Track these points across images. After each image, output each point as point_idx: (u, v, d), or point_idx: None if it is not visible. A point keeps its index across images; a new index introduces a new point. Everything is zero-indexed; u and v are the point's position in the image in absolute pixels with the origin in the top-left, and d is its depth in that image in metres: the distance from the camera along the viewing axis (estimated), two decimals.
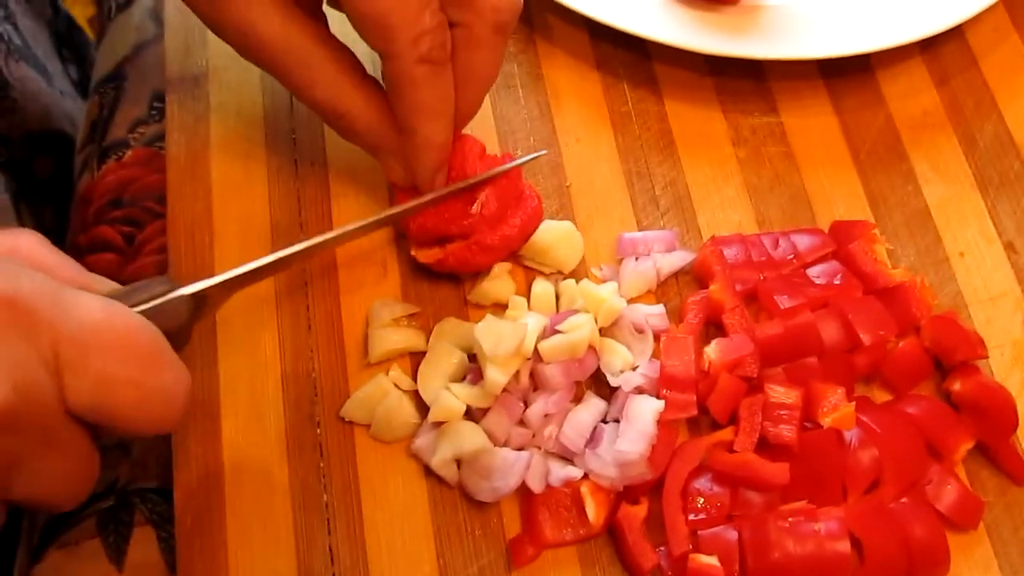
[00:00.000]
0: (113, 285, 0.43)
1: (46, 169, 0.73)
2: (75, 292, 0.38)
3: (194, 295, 0.44)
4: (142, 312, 0.41)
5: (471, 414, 0.50)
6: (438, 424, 0.49)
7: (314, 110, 0.50)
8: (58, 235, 0.65)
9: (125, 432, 0.39)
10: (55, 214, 0.73)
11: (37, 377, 0.35)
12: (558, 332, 0.50)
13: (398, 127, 0.49)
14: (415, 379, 0.51)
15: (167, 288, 0.43)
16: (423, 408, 0.51)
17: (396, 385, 0.51)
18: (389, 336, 0.52)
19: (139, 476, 0.54)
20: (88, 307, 0.37)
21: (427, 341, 0.52)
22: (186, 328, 0.45)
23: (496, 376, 0.48)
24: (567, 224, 0.55)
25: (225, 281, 0.46)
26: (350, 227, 0.50)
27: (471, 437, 0.48)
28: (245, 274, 0.47)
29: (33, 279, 0.36)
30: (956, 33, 0.62)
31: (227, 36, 0.48)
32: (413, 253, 0.53)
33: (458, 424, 0.49)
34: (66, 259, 0.41)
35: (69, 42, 0.83)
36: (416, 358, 0.52)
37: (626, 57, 0.62)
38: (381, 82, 0.50)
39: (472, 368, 0.50)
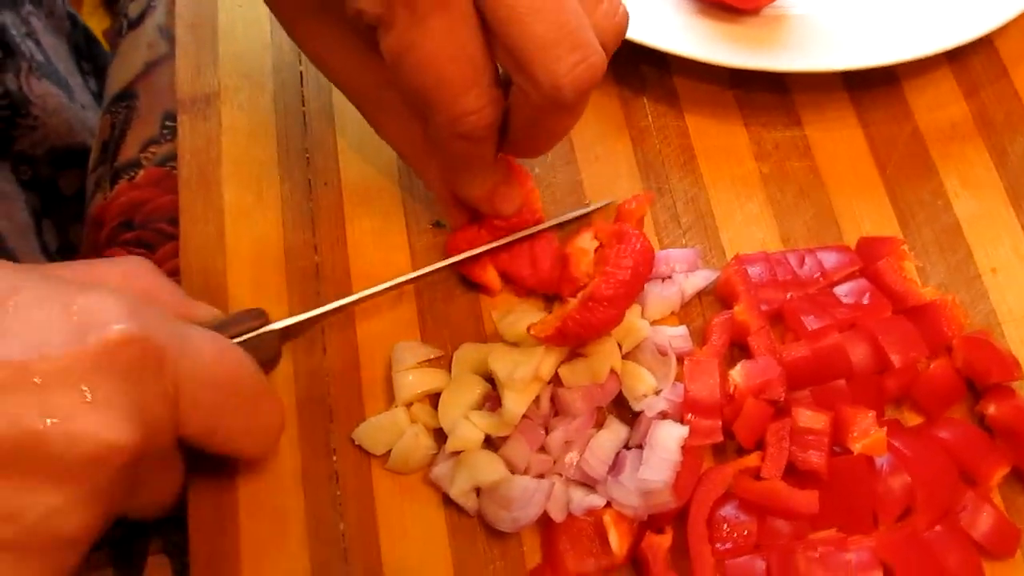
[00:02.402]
0: (214, 312, 0.46)
1: (72, 185, 0.73)
2: (188, 328, 0.40)
3: (283, 329, 0.49)
4: (240, 344, 0.45)
5: (491, 440, 0.49)
6: (456, 452, 0.48)
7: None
8: (81, 251, 0.64)
9: (227, 455, 0.43)
10: (83, 231, 0.73)
11: (160, 413, 0.38)
12: (579, 355, 0.49)
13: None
14: (435, 406, 0.50)
15: (260, 322, 0.48)
16: (441, 435, 0.50)
17: (413, 420, 0.50)
18: (413, 380, 0.51)
19: None
20: (202, 343, 0.40)
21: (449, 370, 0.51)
22: (275, 360, 0.50)
23: (513, 404, 0.47)
24: None
25: (312, 317, 0.50)
26: (419, 272, 0.52)
27: (489, 467, 0.47)
28: (333, 308, 0.51)
29: (157, 318, 0.38)
30: (985, 43, 0.60)
31: (306, 53, 0.49)
32: (531, 333, 0.48)
33: (476, 454, 0.48)
34: (172, 285, 0.44)
35: (88, 55, 0.83)
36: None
37: (646, 71, 0.60)
38: None
39: (491, 395, 0.49)
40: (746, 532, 0.47)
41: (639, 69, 0.61)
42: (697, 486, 0.48)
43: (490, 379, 0.50)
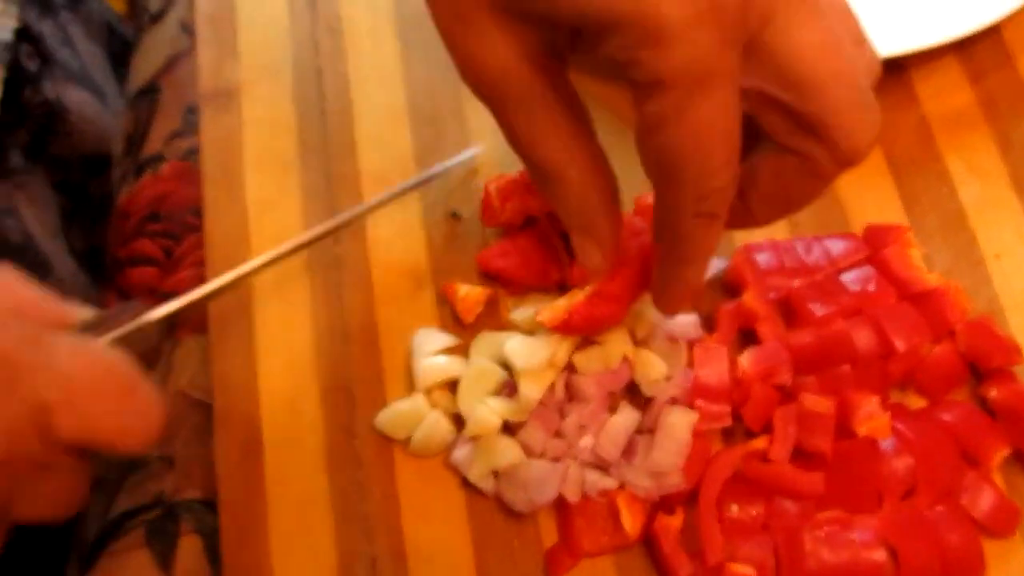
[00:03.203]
0: (87, 312, 0.46)
1: (100, 188, 0.75)
2: (52, 337, 0.41)
3: (164, 317, 0.48)
4: (114, 340, 0.45)
5: (508, 426, 0.51)
6: (474, 437, 0.50)
7: (527, 165, 0.42)
8: (107, 245, 0.66)
9: (109, 452, 0.43)
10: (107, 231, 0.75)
11: (22, 424, 0.39)
12: (593, 343, 0.51)
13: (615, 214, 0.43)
14: (453, 393, 0.52)
15: (136, 313, 0.47)
16: (460, 420, 0.51)
17: (434, 405, 0.52)
18: (433, 367, 0.52)
19: (184, 487, 0.55)
20: (66, 350, 0.41)
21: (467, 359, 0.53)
22: (156, 348, 0.49)
23: (530, 391, 0.49)
24: None
25: (194, 300, 0.50)
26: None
27: (507, 451, 0.49)
28: (212, 290, 0.50)
29: (14, 329, 0.39)
30: (991, 30, 0.60)
31: (454, 57, 0.40)
32: (540, 320, 0.48)
33: (494, 439, 0.49)
34: (38, 291, 0.44)
35: (124, 60, 0.84)
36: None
37: None
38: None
39: (507, 382, 0.51)
40: (754, 513, 0.49)
41: None
42: (707, 468, 0.49)
43: (507, 366, 0.52)
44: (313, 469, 0.52)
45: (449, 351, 0.53)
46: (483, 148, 0.58)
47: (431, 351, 0.53)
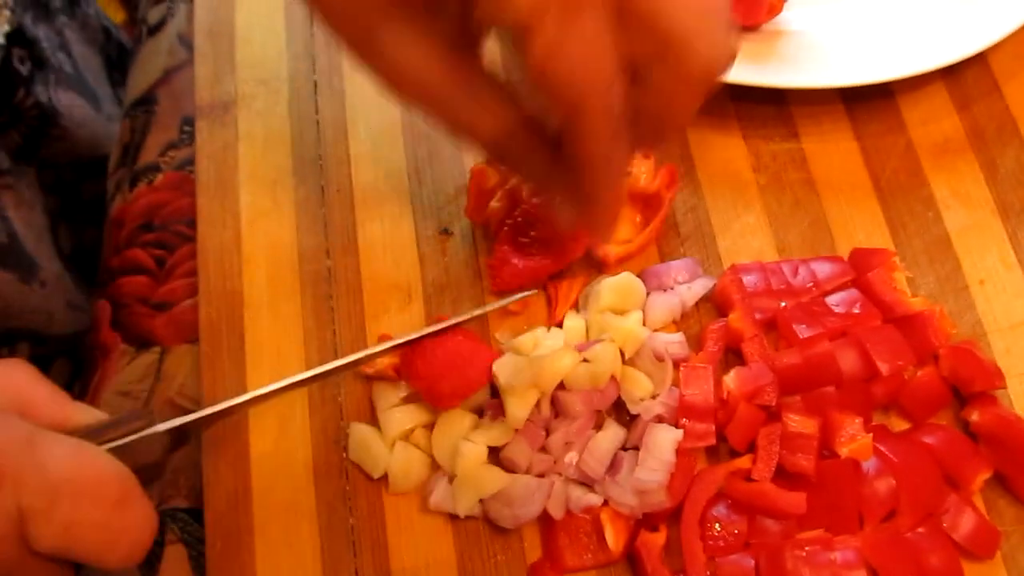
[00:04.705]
0: (95, 415, 0.44)
1: (92, 191, 0.75)
2: (48, 437, 0.39)
3: (169, 431, 0.46)
4: (115, 448, 0.43)
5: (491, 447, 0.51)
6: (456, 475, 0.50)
7: (470, 143, 0.45)
8: (98, 254, 0.66)
9: (91, 565, 0.41)
10: (98, 235, 0.75)
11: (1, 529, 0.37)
12: (583, 360, 0.51)
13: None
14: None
15: (144, 423, 0.45)
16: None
17: (414, 444, 0.52)
18: (399, 417, 0.52)
19: (171, 496, 0.55)
20: (59, 454, 0.39)
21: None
22: (161, 461, 0.47)
23: (516, 409, 0.49)
24: (626, 276, 0.55)
25: (201, 418, 0.48)
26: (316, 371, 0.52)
27: (491, 479, 0.50)
28: (220, 410, 0.49)
29: (10, 430, 0.38)
30: (978, 58, 0.61)
31: (372, 69, 0.43)
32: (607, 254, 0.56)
33: (480, 470, 0.50)
34: (49, 388, 0.43)
35: (120, 66, 0.84)
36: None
37: None
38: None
39: (491, 403, 0.51)
40: (736, 531, 0.49)
41: None
42: (690, 486, 0.50)
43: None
44: (300, 481, 0.53)
45: (409, 399, 0.53)
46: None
47: (395, 401, 0.53)
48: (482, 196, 0.56)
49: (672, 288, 0.55)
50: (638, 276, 0.55)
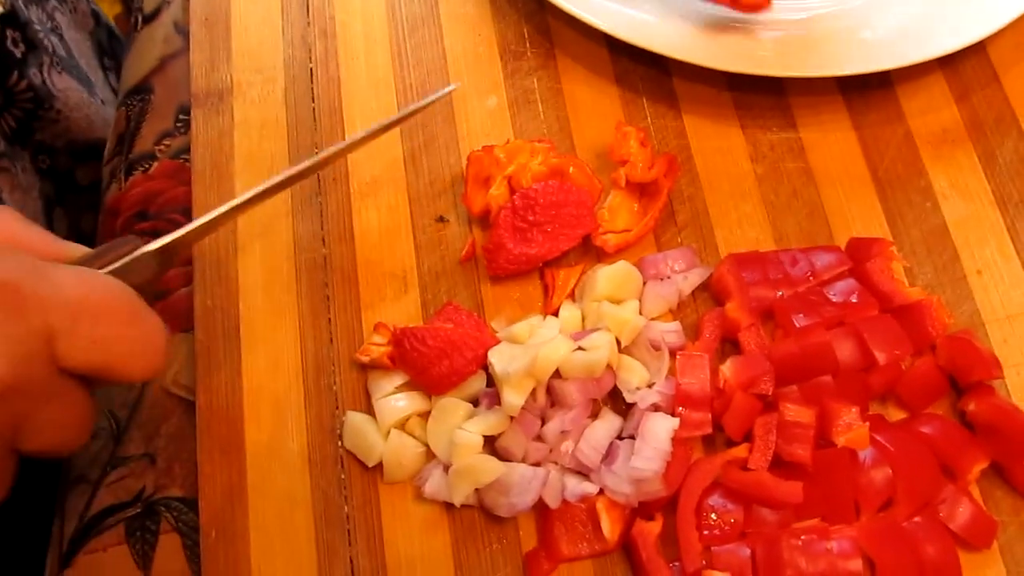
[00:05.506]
0: (84, 249, 0.46)
1: (88, 176, 0.75)
2: (53, 266, 0.41)
3: (158, 250, 0.48)
4: (113, 271, 0.45)
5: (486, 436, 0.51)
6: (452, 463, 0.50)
7: None
8: (94, 241, 0.66)
9: (118, 381, 0.43)
10: (94, 220, 0.75)
11: (30, 348, 0.39)
12: (579, 349, 0.51)
13: None
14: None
15: (133, 246, 0.47)
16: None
17: (409, 432, 0.52)
18: (394, 405, 0.52)
19: (165, 485, 0.55)
20: (68, 279, 0.41)
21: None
22: (154, 281, 0.49)
23: (512, 398, 0.49)
24: (622, 264, 0.55)
25: (186, 233, 0.50)
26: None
27: (487, 468, 0.49)
28: (204, 224, 0.50)
29: (15, 260, 0.39)
30: (977, 48, 0.61)
31: None
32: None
33: (476, 459, 0.50)
34: (37, 230, 0.44)
35: (110, 52, 0.84)
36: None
37: (645, 73, 0.62)
38: None
39: (487, 393, 0.51)
40: (732, 520, 0.49)
41: (639, 71, 0.62)
42: (686, 476, 0.50)
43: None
44: (295, 470, 0.53)
45: (404, 387, 0.53)
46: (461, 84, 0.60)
47: (390, 390, 0.53)
48: (478, 184, 0.56)
49: (669, 277, 0.55)
50: (635, 265, 0.55)
